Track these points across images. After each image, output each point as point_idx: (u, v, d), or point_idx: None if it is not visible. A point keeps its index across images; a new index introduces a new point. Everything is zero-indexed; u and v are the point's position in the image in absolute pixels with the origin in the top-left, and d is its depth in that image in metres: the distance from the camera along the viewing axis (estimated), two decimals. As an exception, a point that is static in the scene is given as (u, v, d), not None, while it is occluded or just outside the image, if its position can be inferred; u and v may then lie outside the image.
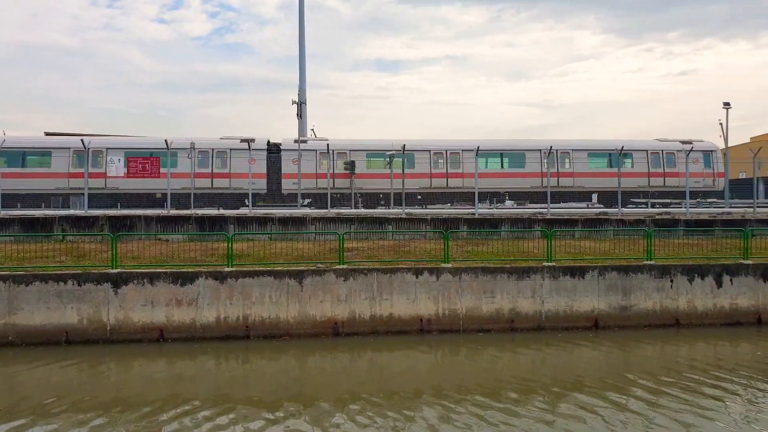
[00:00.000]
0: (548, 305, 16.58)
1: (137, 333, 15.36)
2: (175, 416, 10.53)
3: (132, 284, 15.48)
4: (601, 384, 12.30)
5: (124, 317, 15.38)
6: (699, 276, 17.18)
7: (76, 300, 15.24)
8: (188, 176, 24.33)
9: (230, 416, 10.53)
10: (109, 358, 14.29)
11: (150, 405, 11.10)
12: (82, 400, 11.37)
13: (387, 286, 16.16)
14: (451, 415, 10.53)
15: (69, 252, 17.55)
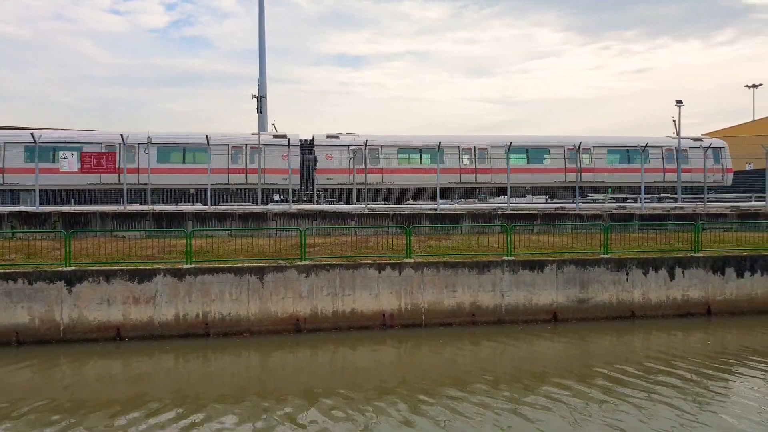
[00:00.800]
0: (508, 299, 16.84)
1: (93, 332, 14.92)
2: (136, 419, 10.27)
3: (87, 282, 15.02)
4: (562, 374, 12.56)
5: (79, 316, 14.92)
6: (653, 269, 17.71)
7: (27, 299, 14.70)
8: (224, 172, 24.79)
9: (193, 416, 10.33)
10: (63, 359, 13.85)
11: (110, 407, 10.80)
12: (38, 404, 10.96)
13: (349, 281, 16.12)
14: (419, 407, 10.59)
15: (19, 250, 16.91)
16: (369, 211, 21.55)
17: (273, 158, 26.92)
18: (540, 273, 17.04)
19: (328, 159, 27.18)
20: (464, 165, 28.99)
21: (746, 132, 52.82)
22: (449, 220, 21.49)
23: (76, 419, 10.25)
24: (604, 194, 28.82)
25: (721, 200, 28.16)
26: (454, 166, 28.88)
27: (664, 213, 23.19)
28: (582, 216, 22.08)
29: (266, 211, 21.02)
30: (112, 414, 10.46)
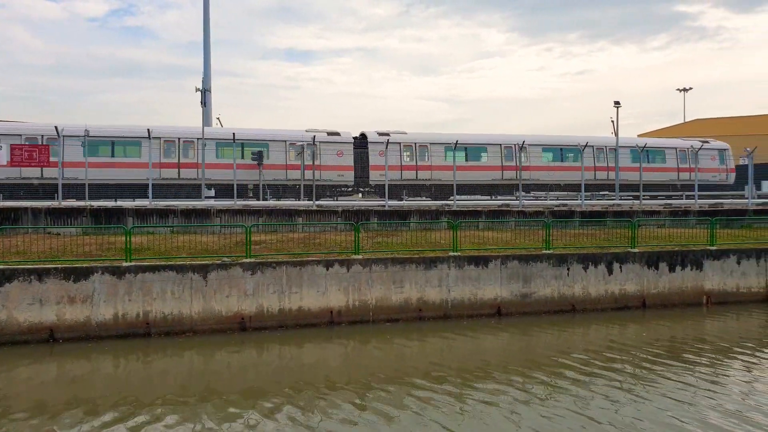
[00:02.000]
0: (454, 294, 17.08)
1: (23, 334, 14.17)
2: (70, 423, 9.81)
3: (17, 281, 14.24)
4: (506, 368, 12.84)
5: (8, 317, 14.13)
6: (593, 264, 18.35)
7: (-50, 300, 13.81)
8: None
9: (133, 419, 9.96)
10: (-11, 363, 13.08)
11: (42, 412, 10.28)
12: (-43, 410, 10.33)
13: (296, 279, 15.95)
14: (366, 403, 10.59)
15: (-59, 248, 15.86)
16: (317, 207, 21.39)
17: (328, 156, 27.16)
18: (485, 268, 17.36)
19: (380, 156, 27.05)
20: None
21: (678, 133, 55.50)
22: (398, 216, 21.59)
23: (4, 426, 9.70)
24: (545, 192, 29.65)
25: (658, 198, 29.55)
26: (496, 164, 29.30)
27: (603, 210, 24.05)
28: (525, 213, 22.64)
29: (210, 207, 20.52)
30: (45, 419, 9.96)
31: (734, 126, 56.93)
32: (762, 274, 19.76)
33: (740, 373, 12.48)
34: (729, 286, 19.45)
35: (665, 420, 9.83)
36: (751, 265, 19.67)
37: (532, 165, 29.65)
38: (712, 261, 19.32)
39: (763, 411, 10.22)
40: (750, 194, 28.00)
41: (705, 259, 19.26)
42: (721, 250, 19.54)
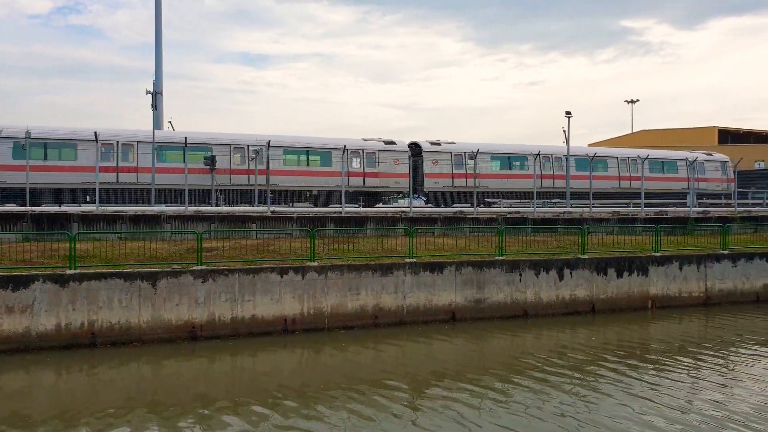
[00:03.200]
0: (410, 300, 17.13)
1: (-44, 347, 13.40)
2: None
3: (-51, 291, 13.46)
4: (460, 373, 12.92)
5: (-61, 329, 13.34)
6: (544, 270, 18.74)
7: None
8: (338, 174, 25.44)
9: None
10: None
11: (-31, 428, 9.72)
12: None
13: (249, 286, 15.67)
14: (318, 411, 10.45)
15: None
16: (272, 213, 21.10)
17: (386, 164, 28.45)
18: (440, 274, 17.49)
19: (434, 164, 28.85)
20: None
21: (625, 143, 57.52)
22: (354, 223, 21.53)
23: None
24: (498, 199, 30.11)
25: (606, 206, 30.46)
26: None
27: (554, 217, 24.64)
28: (479, 220, 22.96)
29: (160, 213, 19.96)
30: (-22, 437, 9.43)
31: (676, 137, 59.45)
32: (702, 279, 20.63)
33: (683, 376, 12.94)
34: (672, 290, 20.22)
35: (613, 424, 10.08)
36: (692, 271, 20.51)
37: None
38: (656, 267, 20.05)
39: (702, 413, 10.61)
40: (691, 203, 29.25)
41: (650, 265, 19.96)
42: (665, 256, 20.30)
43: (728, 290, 20.93)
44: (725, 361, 14.14)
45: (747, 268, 21.24)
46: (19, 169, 22.28)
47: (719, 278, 20.81)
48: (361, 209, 24.50)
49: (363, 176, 26.58)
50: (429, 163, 28.85)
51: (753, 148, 50.08)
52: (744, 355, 14.78)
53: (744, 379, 12.61)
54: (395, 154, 28.94)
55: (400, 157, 28.76)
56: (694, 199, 29.85)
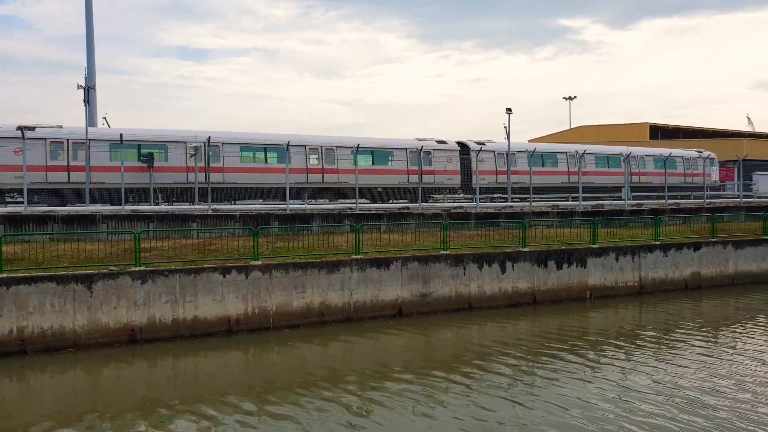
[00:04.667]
0: (356, 296, 17.13)
1: None
2: None
3: None
4: (406, 368, 13.03)
5: None
6: (487, 263, 19.13)
7: None
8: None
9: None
10: None
11: None
12: None
13: (191, 287, 15.26)
14: (264, 411, 10.31)
15: None
16: (213, 212, 20.61)
17: (439, 162, 30.20)
18: (386, 270, 17.56)
19: (481, 162, 30.17)
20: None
21: (564, 139, 59.40)
22: (299, 220, 21.31)
23: None
24: (443, 194, 30.52)
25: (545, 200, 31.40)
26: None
27: (496, 212, 25.17)
28: (424, 215, 23.19)
29: (95, 213, 19.14)
30: None
31: (611, 132, 61.87)
32: (636, 269, 21.59)
33: (620, 362, 13.51)
34: (609, 281, 21.06)
35: (555, 413, 10.42)
36: (627, 262, 21.42)
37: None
38: (594, 258, 20.82)
39: (644, 399, 11.12)
40: (626, 197, 30.49)
41: (588, 257, 20.71)
42: (602, 248, 21.10)
43: (660, 279, 21.98)
44: (658, 346, 14.85)
45: (677, 257, 22.37)
46: (421, 173, 24.11)
47: (652, 268, 21.82)
48: (306, 206, 24.26)
49: (419, 174, 28.46)
50: (476, 161, 30.37)
51: (681, 143, 52.65)
52: (675, 339, 15.55)
53: (676, 361, 13.28)
54: (447, 152, 30.89)
55: (451, 156, 30.84)
56: (628, 192, 31.13)
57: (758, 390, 11.32)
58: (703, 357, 13.70)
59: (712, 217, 25.10)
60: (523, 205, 27.02)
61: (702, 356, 13.76)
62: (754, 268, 24.02)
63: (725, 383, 11.74)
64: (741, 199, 33.35)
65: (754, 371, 12.54)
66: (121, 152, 22.76)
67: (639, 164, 37.71)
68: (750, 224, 27.13)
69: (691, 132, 64.74)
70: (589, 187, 33.20)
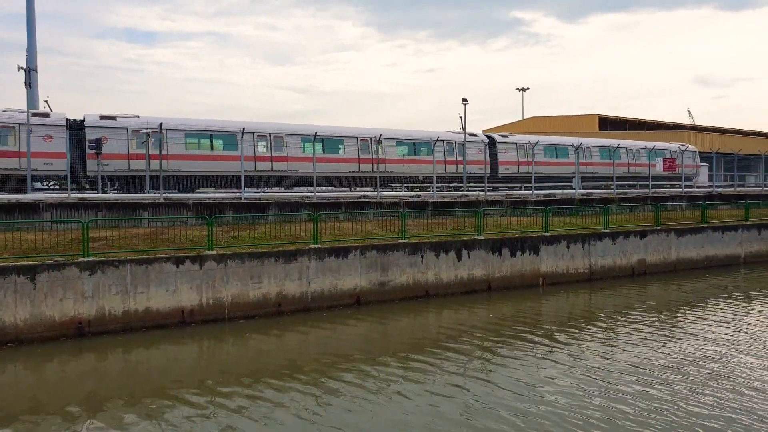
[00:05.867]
0: (314, 286, 17.00)
1: None
2: None
3: None
4: (363, 357, 13.03)
5: None
6: (444, 251, 19.31)
7: None
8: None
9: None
10: None
11: None
12: None
13: (143, 277, 14.79)
14: (217, 403, 10.11)
15: None
16: (165, 200, 20.00)
17: (471, 153, 32.60)
18: (345, 259, 17.49)
19: (505, 153, 33.89)
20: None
21: (517, 129, 60.44)
22: (255, 209, 20.94)
23: None
24: (400, 183, 30.61)
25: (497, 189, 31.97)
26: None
27: (452, 201, 25.43)
28: (382, 204, 23.19)
29: (38, 201, 18.27)
30: None
31: (562, 123, 63.40)
32: (586, 256, 22.25)
33: (572, 346, 13.91)
34: (560, 268, 21.63)
35: (509, 399, 10.64)
36: (578, 249, 22.05)
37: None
38: (546, 246, 21.33)
39: (597, 384, 11.48)
40: (576, 186, 31.33)
41: (541, 245, 21.20)
42: (554, 236, 21.64)
43: (609, 266, 22.73)
44: (606, 331, 15.37)
45: (624, 245, 23.17)
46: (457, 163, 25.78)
47: (601, 255, 22.54)
48: (262, 194, 23.86)
49: (455, 164, 31.17)
50: (501, 152, 33.44)
51: (628, 134, 54.43)
52: (622, 323, 16.12)
53: (622, 344, 13.78)
54: (477, 144, 33.37)
55: (480, 148, 33.38)
56: (578, 182, 31.99)
57: (706, 365, 11.88)
58: (649, 339, 14.26)
59: (657, 206, 26.09)
60: (478, 194, 27.37)
61: (648, 338, 14.32)
62: (694, 255, 25.16)
63: (671, 361, 12.26)
64: (683, 189, 34.79)
65: (698, 349, 13.15)
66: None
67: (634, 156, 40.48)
68: (691, 213, 28.35)
69: (637, 124, 66.98)
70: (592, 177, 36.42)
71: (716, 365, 12.23)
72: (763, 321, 16.42)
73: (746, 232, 27.12)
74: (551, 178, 34.52)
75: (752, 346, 13.71)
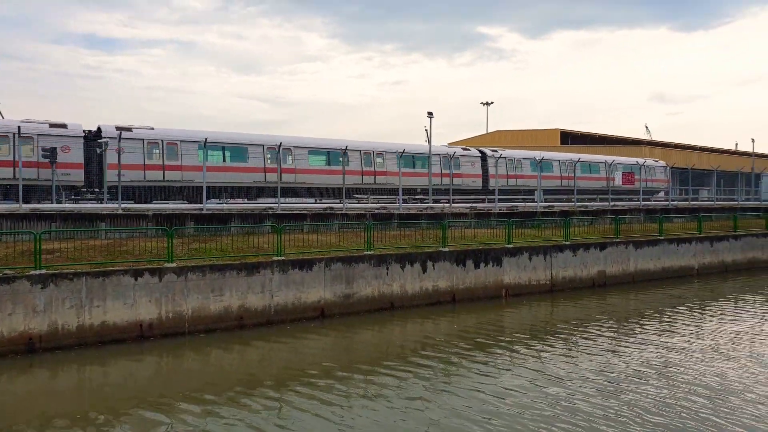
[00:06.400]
0: (278, 299, 16.75)
1: None
2: None
3: None
4: (327, 371, 12.86)
5: None
6: (409, 263, 19.33)
7: None
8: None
9: None
10: None
11: None
12: None
13: (99, 291, 14.31)
14: (176, 418, 9.79)
15: None
16: (123, 211, 19.46)
17: (465, 166, 34.47)
18: (309, 271, 17.30)
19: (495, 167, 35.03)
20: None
21: (481, 143, 61.30)
22: (217, 221, 20.57)
23: None
24: (366, 195, 30.58)
25: (466, 200, 32.29)
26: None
27: (418, 213, 25.51)
28: (348, 215, 23.10)
29: (-12, 212, 17.52)
30: None
31: (525, 137, 64.59)
32: (548, 268, 22.60)
33: (535, 356, 14.05)
34: (523, 279, 21.90)
35: (472, 412, 10.65)
36: (540, 261, 22.39)
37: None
38: (509, 258, 21.58)
39: (558, 393, 11.58)
40: (538, 199, 31.88)
41: (504, 256, 21.44)
42: (517, 247, 21.92)
43: (570, 277, 23.14)
44: (568, 341, 15.59)
45: (585, 257, 23.65)
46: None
47: (562, 267, 22.93)
48: (224, 205, 23.46)
49: (451, 177, 32.40)
50: (492, 166, 34.65)
51: (587, 149, 55.82)
52: (583, 333, 16.38)
53: (583, 354, 14.00)
54: (471, 158, 35.22)
55: (474, 161, 35.24)
56: (541, 195, 32.58)
57: (663, 372, 12.15)
58: (608, 349, 14.52)
59: (616, 219, 26.74)
60: (443, 206, 27.55)
61: (609, 347, 14.59)
62: (651, 266, 25.86)
63: (633, 369, 12.50)
64: (641, 202, 35.79)
65: (656, 356, 13.45)
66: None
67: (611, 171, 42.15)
68: (648, 225, 29.18)
69: (597, 138, 68.76)
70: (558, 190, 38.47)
71: (673, 372, 12.52)
72: (716, 329, 16.94)
73: (699, 244, 28.06)
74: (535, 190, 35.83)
75: (706, 353, 14.12)
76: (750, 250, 30.36)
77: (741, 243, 29.91)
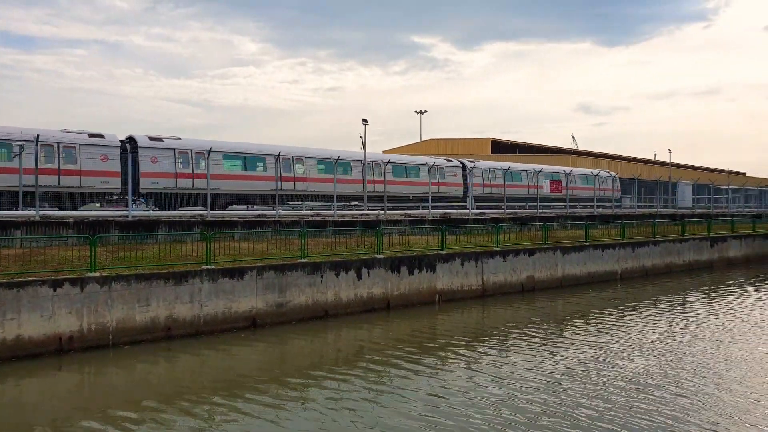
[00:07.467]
0: (207, 308, 16.32)
1: None
2: None
3: None
4: (257, 382, 12.65)
5: None
6: (344, 270, 19.31)
7: None
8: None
9: None
10: None
11: None
12: None
13: (13, 303, 13.47)
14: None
15: None
16: (42, 218, 18.43)
17: (449, 176, 37.57)
18: (240, 280, 16.97)
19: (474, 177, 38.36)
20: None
21: (415, 151, 62.23)
22: (144, 228, 19.82)
23: None
24: (301, 202, 30.34)
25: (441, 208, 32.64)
26: None
27: (353, 219, 25.56)
28: (281, 222, 22.84)
29: None
30: None
31: (457, 146, 66.09)
32: (480, 273, 23.17)
33: (464, 363, 14.36)
34: (455, 285, 22.34)
35: (405, 413, 10.77)
36: (472, 266, 22.92)
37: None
38: (442, 263, 21.97)
39: (493, 392, 11.88)
40: (470, 206, 32.69)
41: (437, 262, 21.81)
42: (450, 253, 22.35)
43: (500, 282, 23.81)
44: (499, 347, 16.03)
45: (515, 262, 24.40)
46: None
47: (493, 272, 23.56)
48: (151, 212, 22.68)
49: (438, 185, 35.11)
50: (470, 176, 37.73)
51: (517, 157, 57.79)
52: (514, 335, 16.91)
53: (515, 355, 14.44)
54: (454, 169, 38.23)
55: (457, 171, 38.21)
56: (472, 202, 33.48)
57: (592, 369, 12.72)
58: (540, 350, 15.05)
59: (544, 226, 27.78)
60: (378, 213, 27.72)
61: (539, 349, 15.12)
62: (577, 272, 27.01)
63: (565, 367, 13.01)
64: (567, 209, 37.38)
65: (585, 355, 14.07)
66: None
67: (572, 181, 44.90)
68: (575, 232, 30.49)
69: (526, 148, 71.31)
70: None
71: (600, 368, 13.13)
72: (638, 330, 17.91)
73: (622, 250, 29.57)
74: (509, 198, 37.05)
75: (630, 352, 14.92)
76: (668, 255, 32.29)
77: (659, 248, 31.76)
